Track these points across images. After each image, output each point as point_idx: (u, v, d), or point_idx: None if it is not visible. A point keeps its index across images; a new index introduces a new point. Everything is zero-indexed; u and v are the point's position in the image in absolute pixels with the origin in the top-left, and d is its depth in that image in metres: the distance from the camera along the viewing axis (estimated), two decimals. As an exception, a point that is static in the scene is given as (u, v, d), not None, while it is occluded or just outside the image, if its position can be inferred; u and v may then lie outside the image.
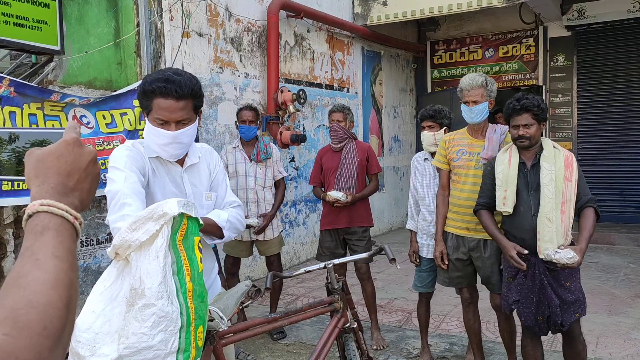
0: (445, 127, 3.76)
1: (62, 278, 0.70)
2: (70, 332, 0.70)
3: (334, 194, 4.12)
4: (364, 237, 4.27)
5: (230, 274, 4.44)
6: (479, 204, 3.15)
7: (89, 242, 4.46)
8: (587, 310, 2.98)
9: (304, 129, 6.93)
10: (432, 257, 3.68)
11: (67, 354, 1.55)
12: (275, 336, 4.32)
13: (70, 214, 0.77)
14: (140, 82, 4.68)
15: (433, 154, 3.74)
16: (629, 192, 8.44)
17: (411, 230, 3.94)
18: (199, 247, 1.63)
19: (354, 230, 4.25)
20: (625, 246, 7.46)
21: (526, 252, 2.85)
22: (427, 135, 3.75)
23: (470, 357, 3.68)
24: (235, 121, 4.46)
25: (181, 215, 1.58)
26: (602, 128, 8.47)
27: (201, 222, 1.70)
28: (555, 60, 8.79)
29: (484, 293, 3.51)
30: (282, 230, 4.56)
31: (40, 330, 0.64)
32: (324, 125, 7.21)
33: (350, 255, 4.02)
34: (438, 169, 3.54)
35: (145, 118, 2.01)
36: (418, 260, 3.80)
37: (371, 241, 4.34)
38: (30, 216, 0.76)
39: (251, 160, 4.32)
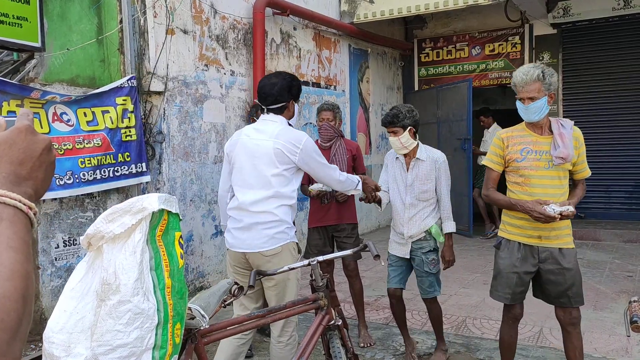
0: (410, 128, 3.51)
1: (17, 270, 0.69)
2: (28, 324, 0.68)
3: (315, 186, 4.07)
4: (353, 235, 4.25)
5: None
6: None
7: (72, 242, 4.39)
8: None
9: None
10: (400, 255, 3.70)
11: (40, 356, 1.52)
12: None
13: (24, 204, 0.75)
14: (125, 79, 4.66)
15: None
16: (614, 189, 8.51)
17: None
18: (179, 242, 1.61)
19: (343, 227, 4.23)
20: (610, 242, 7.52)
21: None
22: (393, 141, 3.57)
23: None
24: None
25: (161, 210, 1.55)
26: (587, 125, 8.48)
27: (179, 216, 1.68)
28: (541, 58, 8.83)
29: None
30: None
31: None
32: (311, 123, 7.18)
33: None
34: (488, 169, 3.11)
35: None
36: (376, 196, 3.60)
37: (359, 239, 4.32)
38: None
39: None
